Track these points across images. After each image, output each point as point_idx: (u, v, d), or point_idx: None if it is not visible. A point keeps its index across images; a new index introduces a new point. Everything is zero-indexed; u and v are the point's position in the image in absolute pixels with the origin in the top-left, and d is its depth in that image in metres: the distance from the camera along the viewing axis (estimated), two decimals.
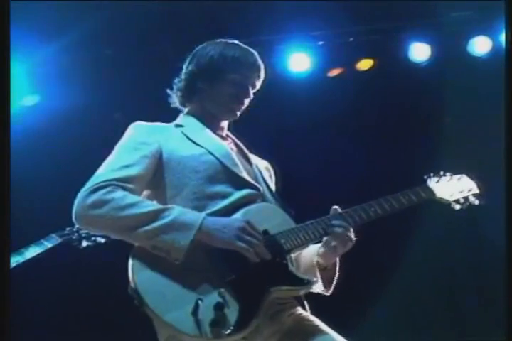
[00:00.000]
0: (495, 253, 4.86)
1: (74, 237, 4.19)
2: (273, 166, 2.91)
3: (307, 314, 2.54)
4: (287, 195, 2.69)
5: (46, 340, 5.54)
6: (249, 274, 2.34)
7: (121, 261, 2.42)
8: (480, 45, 5.88)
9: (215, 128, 2.73)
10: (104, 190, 2.36)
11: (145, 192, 2.55)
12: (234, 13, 5.36)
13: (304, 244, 2.51)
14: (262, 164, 2.83)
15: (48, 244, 4.11)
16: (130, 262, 2.34)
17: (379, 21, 5.93)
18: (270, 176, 2.84)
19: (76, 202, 2.38)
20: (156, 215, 2.33)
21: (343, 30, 5.97)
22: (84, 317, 5.77)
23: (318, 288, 2.58)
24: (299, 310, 2.53)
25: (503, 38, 5.75)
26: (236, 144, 2.79)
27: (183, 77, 2.76)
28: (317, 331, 2.46)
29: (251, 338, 2.34)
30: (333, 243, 2.52)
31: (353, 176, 5.88)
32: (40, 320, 5.60)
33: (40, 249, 4.08)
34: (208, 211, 2.43)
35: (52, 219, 4.07)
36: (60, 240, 4.17)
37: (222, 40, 2.77)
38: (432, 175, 2.86)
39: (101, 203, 2.33)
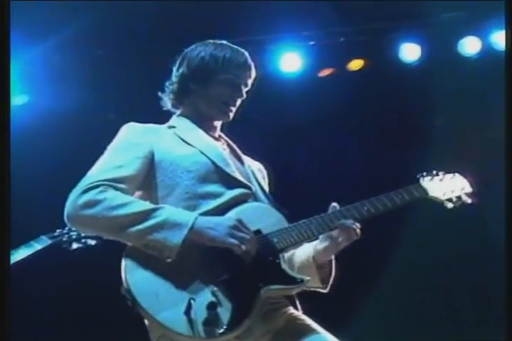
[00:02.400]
0: (494, 251, 4.88)
1: (64, 239, 4.13)
2: (266, 167, 2.91)
3: (299, 313, 2.55)
4: (280, 196, 2.70)
5: None
6: (242, 273, 2.34)
7: (112, 262, 2.42)
8: (469, 46, 5.91)
9: (207, 129, 2.73)
10: (96, 190, 2.36)
11: (137, 193, 2.55)
12: (225, 12, 5.36)
13: (297, 243, 2.52)
14: (255, 165, 2.83)
15: (37, 246, 4.06)
16: (123, 262, 2.34)
17: (370, 22, 5.95)
18: (263, 177, 2.84)
19: (68, 202, 2.38)
20: (148, 214, 2.33)
21: (334, 31, 5.98)
22: (76, 319, 5.75)
23: (315, 284, 2.59)
24: (291, 309, 2.54)
25: (492, 38, 5.79)
26: (229, 145, 2.80)
27: (174, 79, 2.77)
28: (309, 330, 2.47)
29: (243, 337, 2.35)
30: (339, 237, 2.53)
31: (345, 176, 5.90)
32: (30, 322, 5.56)
33: (30, 250, 4.03)
34: (200, 211, 2.43)
35: (43, 220, 4.05)
36: (50, 242, 4.12)
37: (212, 40, 2.78)
38: (425, 174, 2.87)
39: (93, 203, 2.33)
